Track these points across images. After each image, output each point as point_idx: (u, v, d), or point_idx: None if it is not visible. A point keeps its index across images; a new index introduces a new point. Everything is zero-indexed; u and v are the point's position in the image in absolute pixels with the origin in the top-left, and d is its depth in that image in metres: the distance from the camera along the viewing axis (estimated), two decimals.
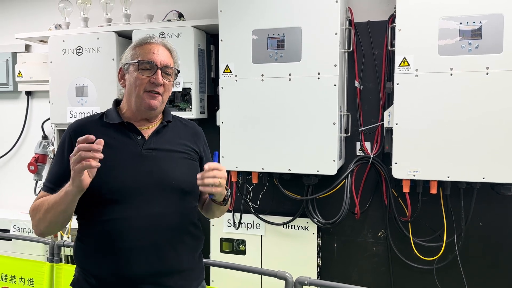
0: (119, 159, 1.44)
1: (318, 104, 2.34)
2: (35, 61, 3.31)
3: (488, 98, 2.10)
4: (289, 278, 2.11)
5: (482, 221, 2.47)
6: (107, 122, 1.51)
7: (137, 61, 1.48)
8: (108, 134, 1.47)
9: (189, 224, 1.53)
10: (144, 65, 1.47)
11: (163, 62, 1.49)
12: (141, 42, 1.52)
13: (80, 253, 1.48)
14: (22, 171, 3.43)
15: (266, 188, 2.80)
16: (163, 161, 1.49)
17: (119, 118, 1.52)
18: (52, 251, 2.75)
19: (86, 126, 1.50)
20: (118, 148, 1.46)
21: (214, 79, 2.88)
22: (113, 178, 1.41)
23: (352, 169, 2.52)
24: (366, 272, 2.69)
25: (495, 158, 2.11)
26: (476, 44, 2.10)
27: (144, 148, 1.48)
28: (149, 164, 1.47)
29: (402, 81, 2.22)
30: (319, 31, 2.32)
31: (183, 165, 1.54)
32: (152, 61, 1.47)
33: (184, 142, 1.58)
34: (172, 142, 1.54)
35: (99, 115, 1.56)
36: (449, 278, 2.50)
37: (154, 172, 1.46)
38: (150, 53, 1.48)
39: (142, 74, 1.47)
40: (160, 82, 1.47)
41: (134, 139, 1.49)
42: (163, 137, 1.54)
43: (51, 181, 1.47)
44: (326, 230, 2.75)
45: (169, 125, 1.58)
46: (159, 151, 1.50)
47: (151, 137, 1.51)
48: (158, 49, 1.50)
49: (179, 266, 1.48)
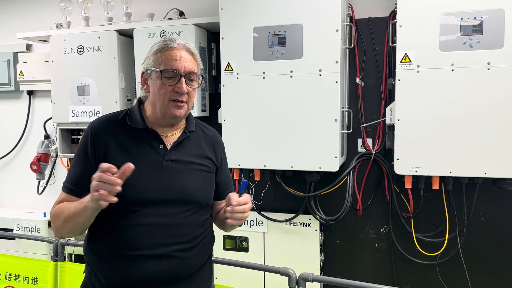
0: (139, 169, 1.39)
1: (319, 101, 2.34)
2: (37, 61, 3.31)
3: (490, 94, 2.10)
4: (292, 274, 2.12)
5: (484, 216, 2.48)
6: (130, 125, 1.48)
7: (160, 70, 1.42)
8: (131, 140, 1.45)
9: (202, 234, 1.52)
10: (167, 73, 1.42)
11: (186, 69, 1.44)
12: (163, 47, 1.46)
13: (93, 255, 1.47)
14: (25, 170, 3.44)
15: (268, 186, 2.81)
16: (182, 174, 1.47)
17: (143, 122, 1.48)
18: (56, 250, 2.75)
19: (108, 128, 1.47)
20: (139, 157, 1.43)
21: (215, 77, 2.88)
22: (133, 189, 1.39)
23: (354, 165, 2.52)
24: (368, 268, 2.70)
25: (497, 153, 2.11)
26: (477, 40, 2.10)
27: (165, 159, 1.46)
28: (168, 177, 1.45)
29: (404, 77, 2.22)
30: (320, 28, 2.32)
31: (200, 178, 1.52)
32: (175, 69, 1.42)
33: (204, 154, 1.56)
34: (192, 154, 1.52)
35: (122, 114, 1.52)
36: (452, 273, 2.51)
37: (173, 185, 1.45)
38: (173, 60, 1.43)
39: (165, 84, 1.42)
40: (184, 91, 1.43)
41: (156, 149, 1.46)
42: (184, 148, 1.51)
43: (71, 182, 1.45)
44: (329, 227, 2.76)
45: (191, 134, 1.55)
46: (179, 162, 1.48)
47: (172, 148, 1.48)
48: (181, 55, 1.45)
49: (190, 272, 1.48)
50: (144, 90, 1.51)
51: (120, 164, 1.31)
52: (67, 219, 1.37)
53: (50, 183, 3.45)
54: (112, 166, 1.24)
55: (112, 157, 1.42)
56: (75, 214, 1.35)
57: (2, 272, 2.88)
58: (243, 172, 2.67)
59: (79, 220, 1.35)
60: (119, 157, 1.42)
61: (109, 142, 1.44)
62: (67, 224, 1.38)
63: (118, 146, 1.44)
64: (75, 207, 1.35)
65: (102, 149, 1.43)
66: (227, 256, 2.75)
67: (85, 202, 1.31)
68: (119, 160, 1.39)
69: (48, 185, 3.45)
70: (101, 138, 1.45)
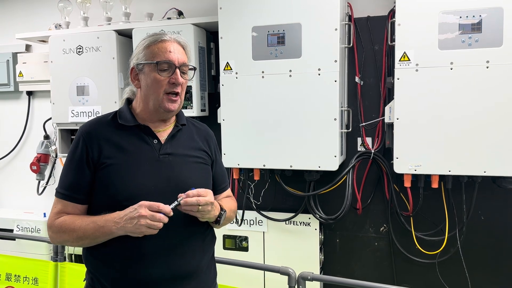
0: (137, 165, 1.42)
1: (319, 100, 2.34)
2: (36, 61, 3.31)
3: (489, 92, 2.10)
4: (292, 273, 2.12)
5: (483, 215, 2.48)
6: (121, 124, 1.47)
7: (156, 62, 1.42)
8: (124, 137, 1.45)
9: (203, 228, 1.53)
10: (162, 65, 1.43)
11: (180, 61, 1.45)
12: (154, 40, 1.46)
13: (94, 260, 1.46)
14: (25, 171, 3.44)
15: (268, 185, 2.81)
16: (179, 166, 1.48)
17: (134, 120, 1.48)
18: (56, 250, 2.76)
19: (99, 129, 1.47)
20: (135, 153, 1.44)
21: (214, 77, 2.88)
22: (132, 185, 1.40)
23: (354, 164, 2.52)
24: (368, 267, 2.70)
25: (496, 152, 2.11)
26: (476, 38, 2.10)
27: (161, 153, 1.47)
28: (166, 169, 1.45)
29: (403, 76, 2.22)
30: (319, 27, 2.32)
31: (197, 170, 1.53)
32: (170, 61, 1.43)
33: (198, 146, 1.57)
34: (186, 147, 1.53)
35: (111, 115, 1.52)
36: (452, 272, 2.51)
37: (171, 177, 1.45)
38: (167, 52, 1.43)
39: (161, 75, 1.43)
40: (180, 81, 1.43)
41: (150, 144, 1.47)
42: (178, 141, 1.52)
43: (65, 188, 1.44)
44: (328, 226, 2.76)
45: (183, 128, 1.56)
46: (175, 155, 1.49)
47: (166, 141, 1.49)
48: (174, 46, 1.45)
49: (195, 269, 1.48)
50: (135, 86, 1.51)
51: (117, 162, 1.33)
52: (81, 238, 1.38)
53: (50, 184, 3.45)
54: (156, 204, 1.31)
55: (107, 157, 1.42)
56: (94, 236, 1.37)
57: (3, 273, 2.88)
58: (243, 171, 2.67)
59: (98, 240, 1.38)
60: (115, 155, 1.42)
61: (103, 143, 1.43)
62: (80, 241, 1.40)
63: (112, 146, 1.44)
64: (93, 229, 1.36)
65: (96, 151, 1.42)
66: (227, 255, 2.75)
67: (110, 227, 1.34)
68: (115, 159, 1.41)
69: (48, 185, 3.45)
70: (94, 140, 1.44)
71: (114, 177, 1.40)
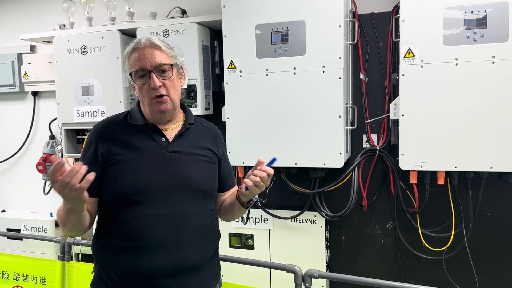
0: (144, 161, 1.47)
1: (323, 98, 2.34)
2: (41, 62, 3.33)
3: (495, 88, 2.09)
4: (298, 271, 2.12)
5: (490, 211, 2.46)
6: (131, 123, 1.53)
7: (130, 73, 1.49)
8: (133, 136, 1.51)
9: (208, 224, 1.56)
10: (138, 74, 1.48)
11: (153, 63, 1.46)
12: (129, 52, 1.51)
13: (102, 251, 1.51)
14: (31, 171, 3.46)
15: (273, 183, 2.80)
16: (186, 164, 1.52)
17: (143, 119, 1.53)
18: (63, 250, 2.77)
19: (111, 128, 1.53)
20: (143, 150, 1.49)
21: (218, 75, 2.88)
22: (139, 180, 1.45)
23: (359, 161, 2.52)
24: (375, 264, 2.70)
25: (502, 147, 2.10)
26: (481, 33, 2.09)
27: (168, 150, 1.50)
28: (173, 167, 1.49)
29: (408, 72, 2.21)
30: (323, 24, 2.31)
31: (204, 168, 1.56)
32: (141, 68, 1.46)
33: (206, 145, 1.60)
34: (194, 145, 1.56)
35: (123, 115, 1.58)
36: (458, 269, 2.50)
37: (178, 174, 1.49)
38: (139, 60, 1.47)
39: (139, 84, 1.48)
40: (156, 85, 1.46)
41: (158, 142, 1.51)
42: (186, 139, 1.56)
43: None
44: (334, 223, 2.76)
45: (191, 127, 1.59)
46: (182, 154, 1.52)
47: (174, 140, 1.53)
48: (144, 52, 1.47)
49: (199, 264, 1.51)
50: (135, 94, 1.56)
51: (125, 159, 1.40)
52: (64, 222, 1.41)
53: None
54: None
55: (117, 154, 1.47)
56: (66, 218, 1.39)
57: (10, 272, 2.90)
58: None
59: (73, 220, 1.39)
60: (124, 152, 1.48)
61: (113, 141, 1.49)
62: (66, 225, 1.43)
63: (122, 144, 1.49)
64: (62, 210, 1.39)
65: (107, 148, 1.48)
66: (233, 253, 2.75)
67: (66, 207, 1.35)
68: (124, 155, 1.47)
69: None
70: (105, 138, 1.50)
71: (122, 172, 1.45)
